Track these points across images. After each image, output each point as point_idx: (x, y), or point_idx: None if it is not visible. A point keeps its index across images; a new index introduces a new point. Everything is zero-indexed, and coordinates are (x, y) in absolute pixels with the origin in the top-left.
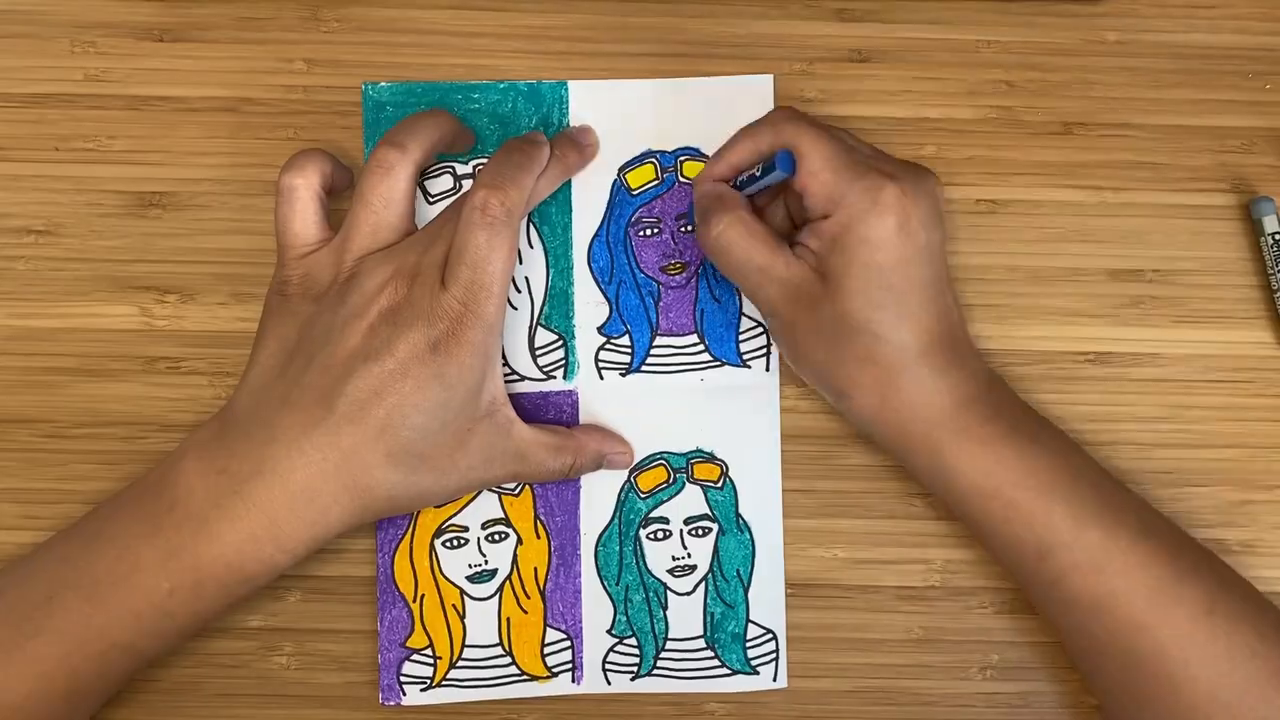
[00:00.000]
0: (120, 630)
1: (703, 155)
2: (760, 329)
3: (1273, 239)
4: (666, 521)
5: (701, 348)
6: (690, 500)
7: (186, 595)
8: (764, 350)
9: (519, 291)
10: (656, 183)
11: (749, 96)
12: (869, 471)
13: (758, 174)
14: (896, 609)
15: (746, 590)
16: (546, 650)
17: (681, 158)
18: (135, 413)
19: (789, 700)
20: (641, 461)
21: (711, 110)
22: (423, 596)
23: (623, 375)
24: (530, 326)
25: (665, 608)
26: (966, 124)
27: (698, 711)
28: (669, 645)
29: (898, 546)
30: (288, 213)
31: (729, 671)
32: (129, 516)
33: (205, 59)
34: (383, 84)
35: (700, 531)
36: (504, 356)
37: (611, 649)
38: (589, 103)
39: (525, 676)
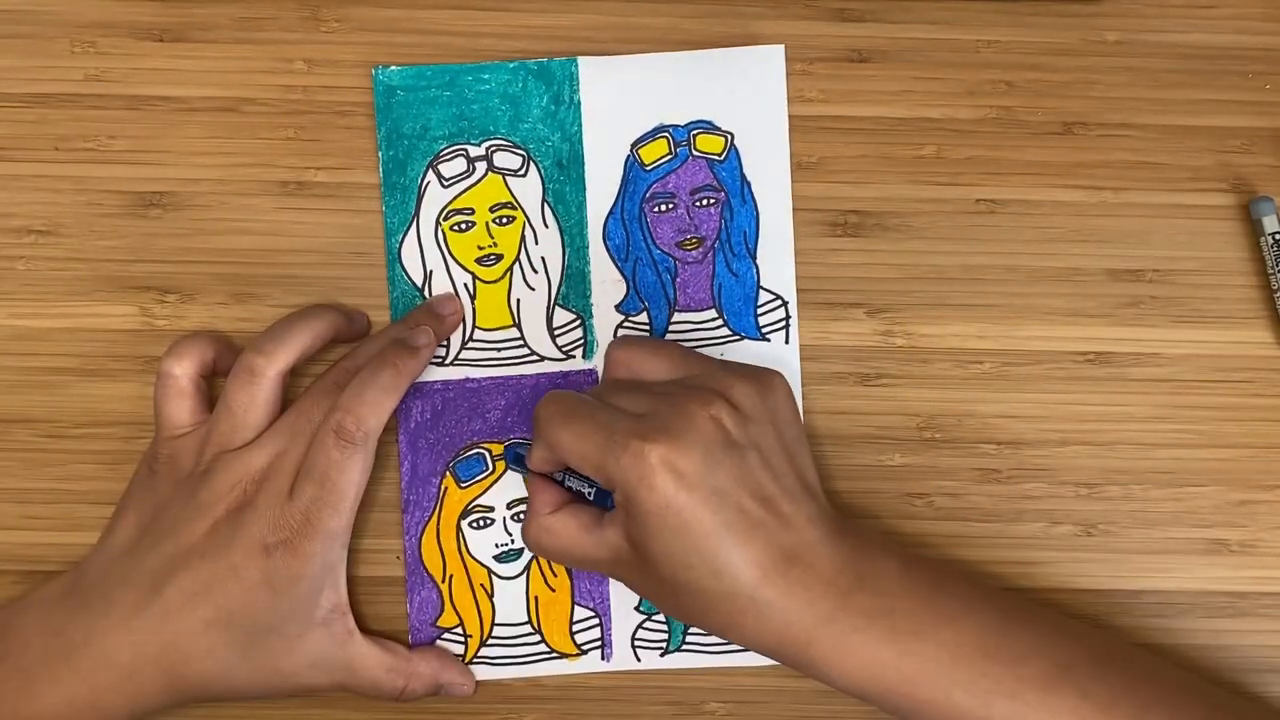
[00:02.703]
0: None
1: (715, 128)
2: (779, 302)
3: (1273, 239)
4: None
5: (720, 322)
6: None
7: None
8: (783, 323)
9: (535, 272)
10: (670, 157)
11: (761, 67)
12: (869, 471)
13: (581, 486)
14: None
15: None
16: (575, 628)
17: (694, 131)
18: (135, 413)
19: (789, 700)
20: None
21: (723, 82)
22: (451, 577)
23: None
24: (548, 307)
25: None
26: (966, 124)
27: (698, 711)
28: None
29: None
30: (162, 397)
31: None
32: None
33: (205, 59)
34: (393, 68)
35: None
36: (524, 339)
37: (640, 625)
38: (599, 78)
39: (555, 654)
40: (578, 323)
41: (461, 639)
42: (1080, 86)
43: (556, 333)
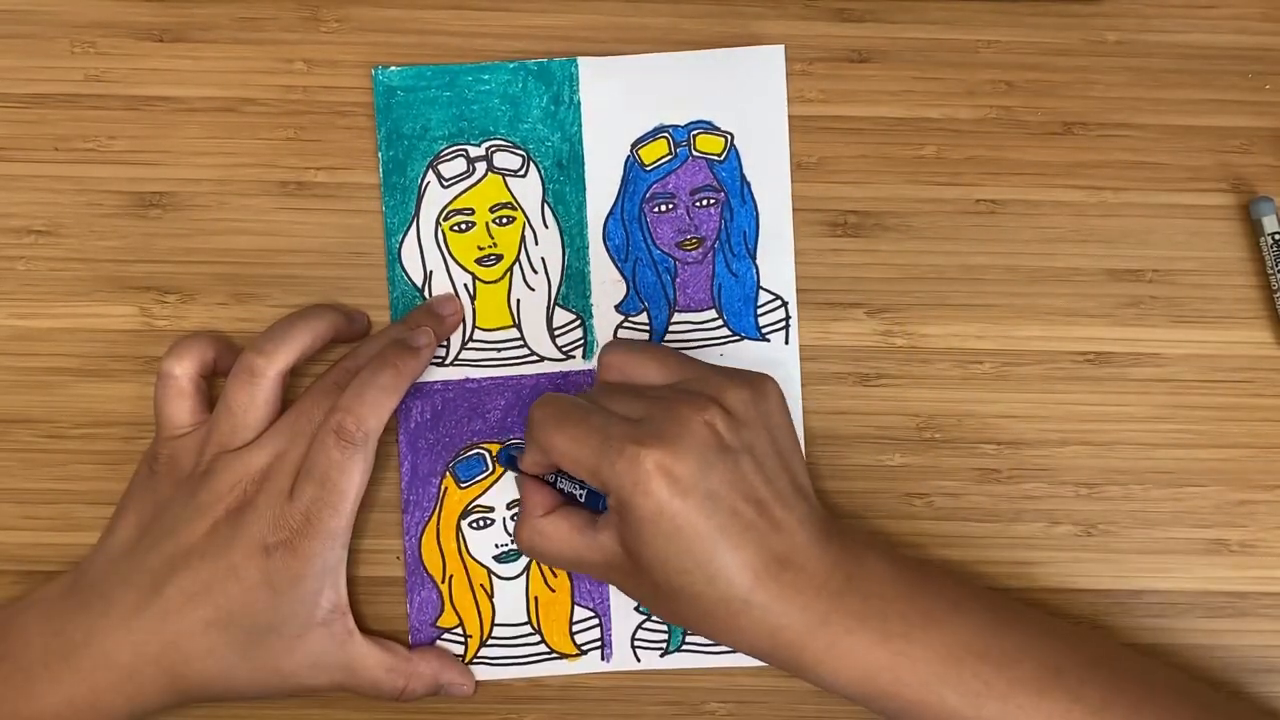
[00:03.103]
0: None
1: (715, 128)
2: (779, 303)
3: (1272, 239)
4: None
5: (720, 323)
6: None
7: None
8: (783, 323)
9: (535, 272)
10: (670, 157)
11: (761, 67)
12: (869, 471)
13: (572, 489)
14: None
15: None
16: (575, 628)
17: (694, 131)
18: (135, 413)
19: (789, 700)
20: None
21: (723, 82)
22: (451, 577)
23: None
24: (548, 307)
25: None
26: (966, 124)
27: (698, 711)
28: None
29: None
30: (162, 397)
31: None
32: None
33: (205, 59)
34: (392, 68)
35: None
36: (524, 339)
37: (640, 626)
38: (599, 78)
39: (555, 654)
40: (578, 323)
41: (461, 639)
42: (1080, 86)
43: (556, 333)
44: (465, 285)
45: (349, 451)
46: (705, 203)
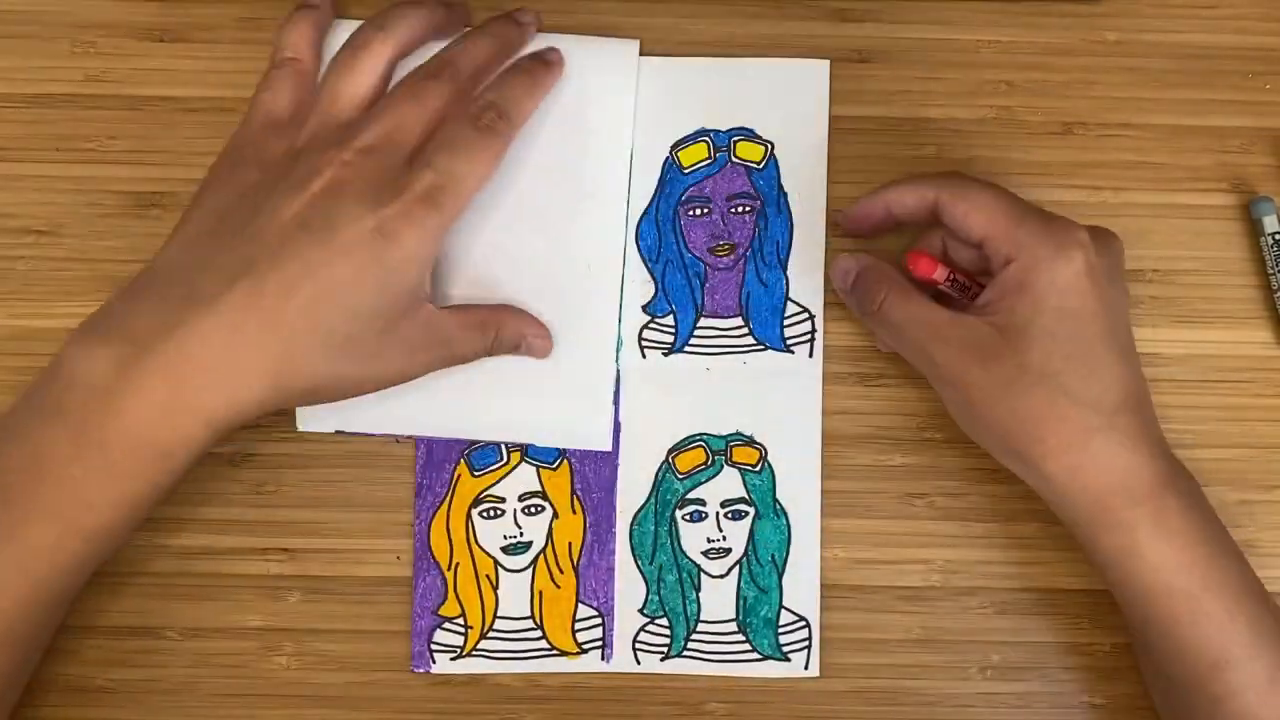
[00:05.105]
0: (39, 532)
1: (756, 136)
2: (805, 315)
3: (1272, 239)
4: (703, 503)
5: (746, 331)
6: (728, 483)
7: (100, 479)
8: (808, 336)
9: None
10: (709, 161)
11: (805, 80)
12: (869, 471)
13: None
14: (896, 609)
15: (781, 576)
16: (577, 626)
17: (735, 138)
18: None
19: (788, 700)
20: (681, 442)
21: (767, 91)
22: (457, 565)
23: (665, 355)
24: None
25: (698, 589)
26: (966, 124)
27: (697, 711)
28: (700, 627)
29: (898, 546)
30: (275, 81)
31: (759, 656)
32: (31, 405)
33: (205, 59)
34: None
35: (736, 515)
36: None
37: (642, 628)
38: (643, 77)
39: (555, 651)
40: None
41: (461, 630)
42: (1080, 86)
43: None
44: None
45: (490, 137)
46: (741, 210)
